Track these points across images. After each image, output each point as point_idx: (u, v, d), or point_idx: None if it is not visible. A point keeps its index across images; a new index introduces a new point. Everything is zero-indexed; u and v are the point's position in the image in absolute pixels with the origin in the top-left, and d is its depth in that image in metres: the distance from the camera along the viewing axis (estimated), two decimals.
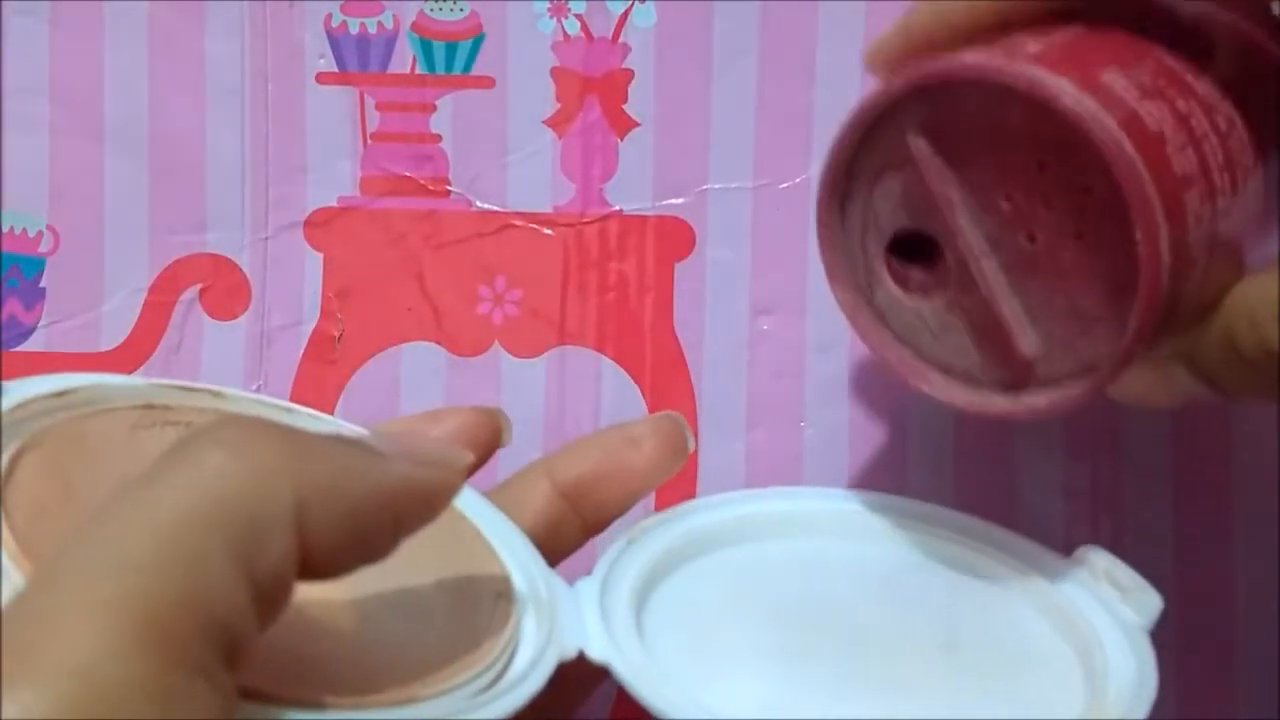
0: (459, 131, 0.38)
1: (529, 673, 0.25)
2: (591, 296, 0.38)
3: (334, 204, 0.39)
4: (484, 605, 0.26)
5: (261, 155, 0.39)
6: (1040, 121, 0.26)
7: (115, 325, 0.39)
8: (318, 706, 0.22)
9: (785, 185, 0.38)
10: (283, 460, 0.22)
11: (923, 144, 0.28)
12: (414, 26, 0.38)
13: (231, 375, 0.39)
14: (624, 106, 0.38)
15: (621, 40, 0.38)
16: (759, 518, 0.32)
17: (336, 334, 0.39)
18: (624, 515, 0.32)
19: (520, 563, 0.28)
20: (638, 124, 0.38)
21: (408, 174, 0.39)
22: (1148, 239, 0.25)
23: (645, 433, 0.31)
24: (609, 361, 0.38)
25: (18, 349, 0.39)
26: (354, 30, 0.39)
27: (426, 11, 0.38)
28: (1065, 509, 0.37)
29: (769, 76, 0.38)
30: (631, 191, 0.38)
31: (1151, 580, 0.29)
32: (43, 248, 0.39)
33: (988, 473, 0.37)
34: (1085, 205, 0.26)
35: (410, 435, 0.26)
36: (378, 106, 0.39)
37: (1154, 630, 0.28)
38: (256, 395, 0.30)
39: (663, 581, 0.30)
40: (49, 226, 0.39)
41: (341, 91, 0.39)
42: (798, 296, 0.38)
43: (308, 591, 0.23)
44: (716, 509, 0.32)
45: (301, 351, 0.39)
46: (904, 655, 0.28)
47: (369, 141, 0.39)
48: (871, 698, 0.27)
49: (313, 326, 0.39)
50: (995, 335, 0.28)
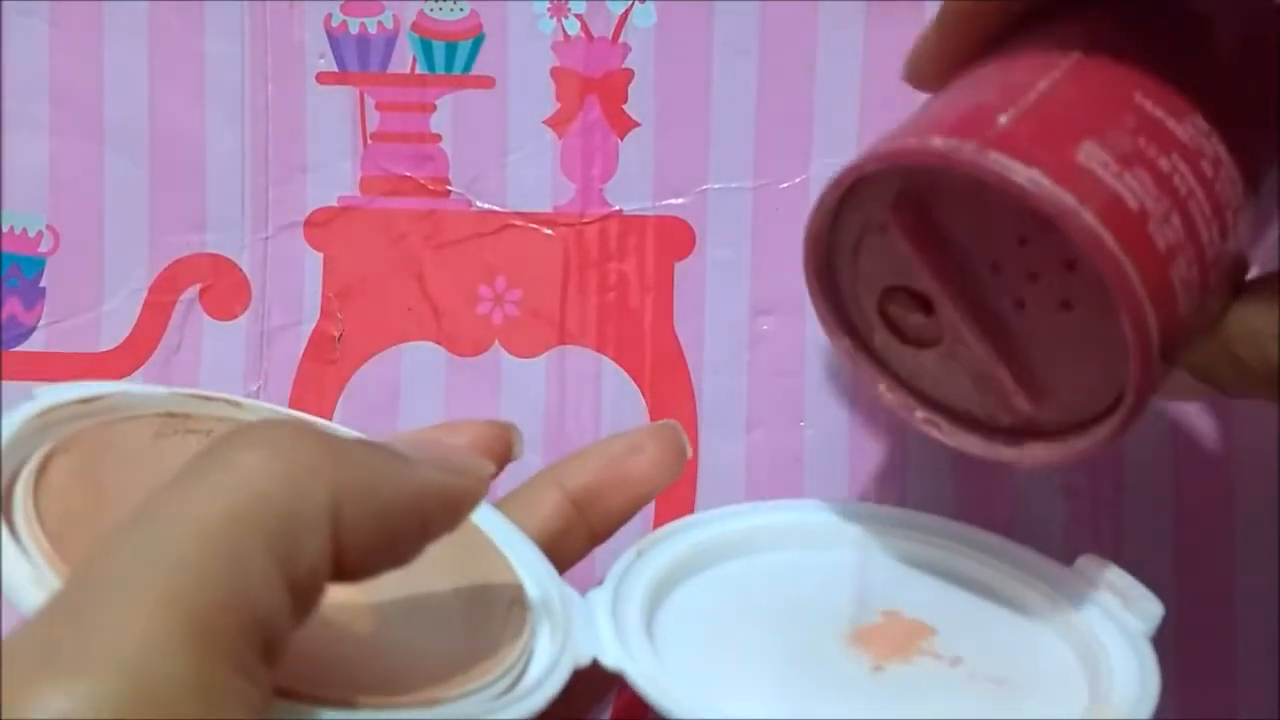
0: (459, 131, 0.38)
1: (545, 678, 0.25)
2: (591, 296, 0.38)
3: (334, 204, 0.39)
4: (499, 612, 0.27)
5: (261, 155, 0.39)
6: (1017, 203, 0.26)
7: (115, 325, 0.39)
8: (345, 705, 0.22)
9: (785, 185, 0.38)
10: (318, 461, 0.22)
11: (904, 215, 0.27)
12: (414, 26, 0.38)
13: (231, 375, 0.39)
14: (624, 106, 0.38)
15: (621, 40, 0.38)
16: (766, 529, 0.32)
17: (336, 334, 0.39)
18: (628, 523, 0.32)
19: (533, 572, 0.28)
20: (638, 124, 0.38)
21: (408, 174, 0.39)
22: (1135, 328, 0.25)
23: (647, 440, 0.32)
24: (609, 361, 0.38)
25: (18, 349, 0.39)
26: (354, 30, 0.39)
27: (426, 11, 0.38)
28: (1065, 510, 0.37)
29: (769, 76, 0.38)
30: (631, 191, 0.38)
31: (1151, 582, 0.29)
32: (43, 248, 0.39)
33: (988, 472, 0.37)
34: (1070, 279, 0.26)
35: (436, 443, 0.27)
36: (378, 106, 0.39)
37: (1154, 632, 0.28)
38: (272, 407, 0.31)
39: (673, 591, 0.30)
40: (49, 226, 0.39)
41: (341, 91, 0.39)
42: (798, 296, 0.38)
43: (332, 595, 0.23)
44: (724, 521, 0.32)
45: (301, 351, 0.39)
46: (910, 663, 0.28)
47: (369, 141, 0.39)
48: (878, 706, 0.27)
49: (313, 326, 0.39)
50: (993, 386, 0.28)
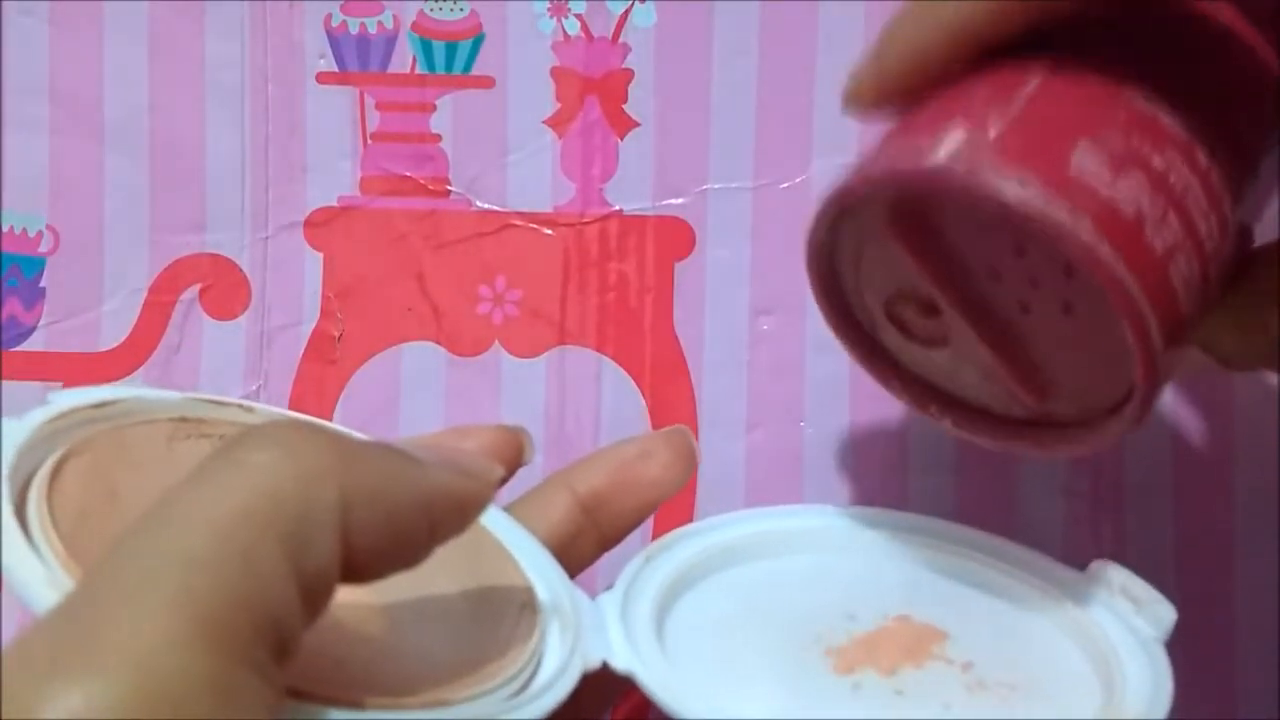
0: (459, 131, 0.38)
1: (556, 680, 0.26)
2: (591, 296, 0.38)
3: (334, 204, 0.39)
4: (509, 615, 0.27)
5: (261, 155, 0.39)
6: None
7: (115, 325, 0.39)
8: (355, 706, 0.23)
9: (785, 185, 0.38)
10: (329, 462, 0.22)
11: (901, 228, 0.27)
12: (414, 26, 0.38)
13: (231, 375, 0.39)
14: (624, 106, 0.38)
15: (621, 40, 0.38)
16: (776, 534, 0.32)
17: (336, 334, 0.39)
18: (637, 528, 0.32)
19: (544, 576, 0.29)
20: (638, 124, 0.38)
21: (408, 174, 0.39)
22: (1137, 335, 0.25)
23: (657, 445, 0.32)
24: (609, 361, 0.38)
25: (18, 349, 0.39)
26: (354, 30, 0.39)
27: (426, 11, 0.38)
28: (1065, 510, 0.37)
29: (769, 76, 0.38)
30: (631, 191, 0.38)
31: (1151, 582, 0.29)
32: (43, 248, 0.39)
33: (988, 472, 0.37)
34: (1071, 285, 0.26)
35: (445, 447, 0.27)
36: (378, 106, 0.39)
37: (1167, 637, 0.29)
38: (284, 412, 0.31)
39: (682, 596, 0.30)
40: (49, 226, 0.39)
41: (341, 91, 0.39)
42: (798, 296, 0.38)
43: (343, 597, 0.23)
44: (734, 526, 0.32)
45: (301, 351, 0.39)
46: (922, 669, 0.28)
47: (369, 141, 0.39)
48: (889, 711, 0.27)
49: (313, 326, 0.39)
50: (1001, 384, 0.28)
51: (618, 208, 0.38)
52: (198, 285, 0.39)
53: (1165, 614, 0.29)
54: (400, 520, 0.23)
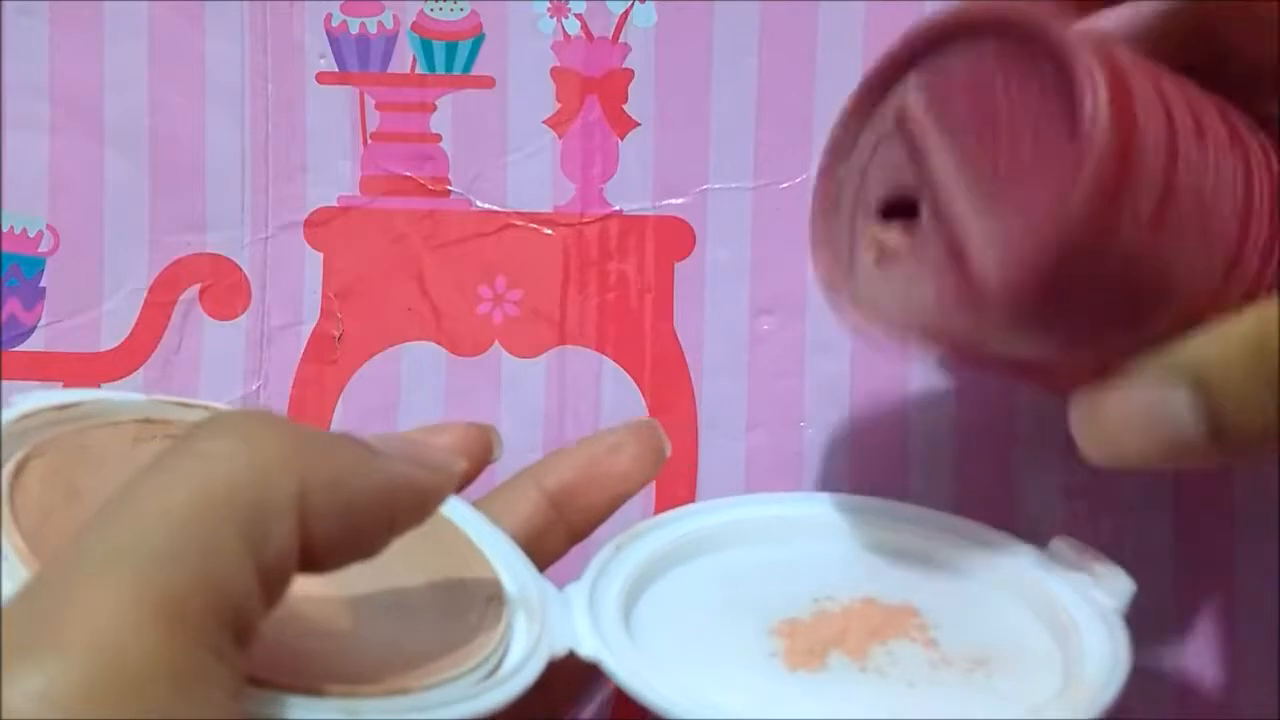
0: (459, 131, 0.38)
1: (521, 667, 0.26)
2: (591, 296, 0.38)
3: (334, 204, 0.39)
4: (476, 607, 0.27)
5: (261, 155, 0.39)
6: (1026, 90, 0.26)
7: (115, 325, 0.39)
8: (316, 693, 0.23)
9: (785, 185, 0.38)
10: (287, 451, 0.22)
11: (920, 99, 0.28)
12: (414, 26, 0.38)
13: (231, 375, 0.39)
14: (624, 106, 0.38)
15: (621, 40, 0.38)
16: (741, 523, 0.33)
17: (336, 334, 0.39)
18: (607, 521, 0.32)
19: (510, 568, 0.29)
20: (638, 124, 0.38)
21: (408, 174, 0.39)
22: (1083, 73, 0.25)
23: (625, 438, 0.32)
24: (609, 361, 0.38)
25: (18, 349, 0.39)
26: (354, 30, 0.39)
27: (426, 11, 0.38)
28: (1065, 510, 0.37)
29: (769, 76, 0.38)
30: (631, 191, 0.38)
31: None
32: (43, 248, 0.39)
33: (988, 472, 0.37)
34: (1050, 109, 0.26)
35: (406, 440, 0.27)
36: (378, 106, 0.39)
37: (1127, 612, 0.29)
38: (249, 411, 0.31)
39: (650, 585, 0.31)
40: (49, 226, 0.39)
41: (341, 91, 0.39)
42: (798, 296, 0.38)
43: (306, 590, 0.23)
44: (701, 516, 0.33)
45: (301, 351, 0.39)
46: (888, 649, 0.29)
47: (369, 141, 0.39)
48: (857, 691, 0.27)
49: (313, 326, 0.39)
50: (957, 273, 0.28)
51: (618, 208, 0.38)
52: (197, 285, 0.39)
53: (1123, 585, 0.29)
54: (358, 509, 0.23)
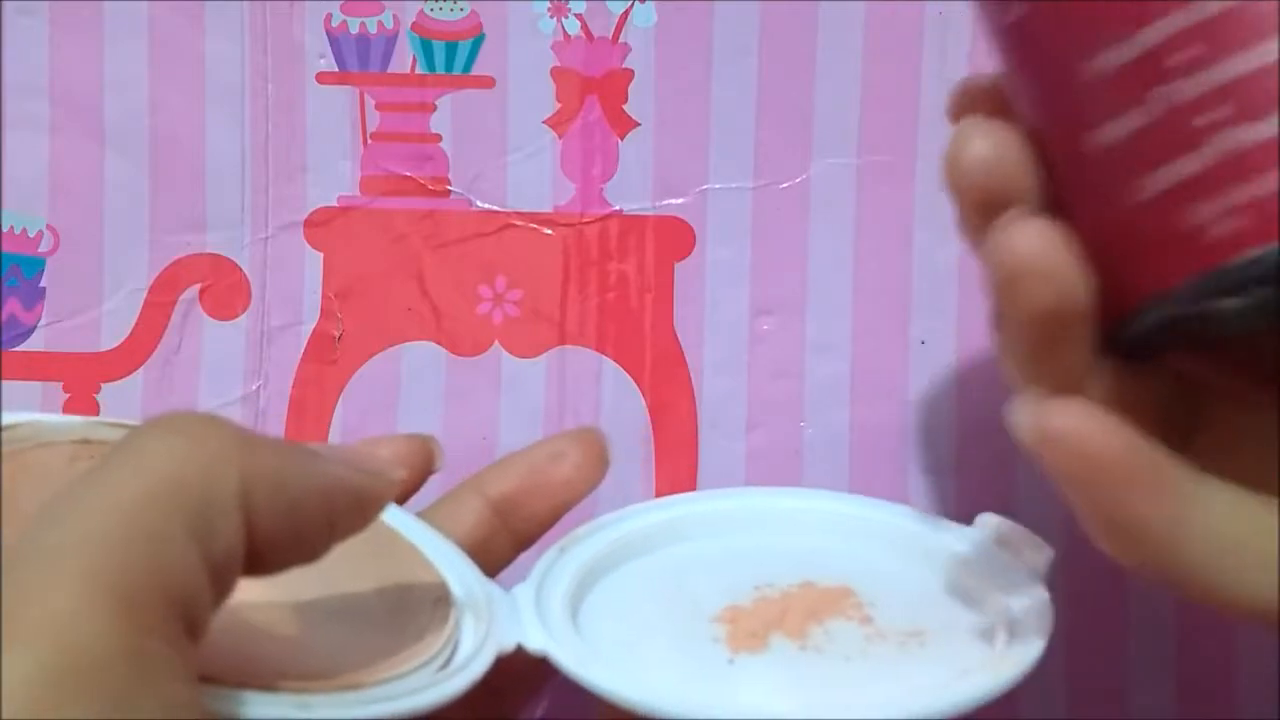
0: (459, 131, 0.38)
1: (469, 662, 0.26)
2: (591, 296, 0.38)
3: (334, 204, 0.39)
4: (423, 609, 0.28)
5: (261, 155, 0.39)
6: None
7: (115, 325, 0.39)
8: (268, 689, 0.23)
9: (785, 185, 0.38)
10: (230, 449, 0.23)
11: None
12: (414, 26, 0.38)
13: (231, 375, 0.39)
14: (624, 106, 0.38)
15: (621, 40, 0.38)
16: (684, 520, 0.33)
17: (336, 334, 0.39)
18: (552, 528, 0.33)
19: (456, 572, 0.29)
20: (638, 124, 0.38)
21: (408, 174, 0.39)
22: None
23: (567, 446, 0.33)
24: (609, 361, 0.38)
25: (18, 349, 0.39)
26: (354, 30, 0.39)
27: (426, 11, 0.38)
28: (1065, 510, 0.37)
29: (769, 76, 0.38)
30: (631, 191, 0.38)
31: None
32: (43, 248, 0.39)
33: (988, 472, 0.37)
34: None
35: (346, 447, 0.28)
36: (378, 106, 0.39)
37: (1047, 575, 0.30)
38: None
39: (596, 583, 0.31)
40: (49, 226, 0.39)
41: (341, 91, 0.39)
42: (798, 296, 0.38)
43: (256, 596, 0.24)
44: (643, 515, 0.33)
45: (301, 351, 0.39)
46: (825, 628, 0.30)
47: (369, 141, 0.39)
48: (797, 668, 0.28)
49: (313, 326, 0.39)
50: None
51: (618, 208, 0.38)
52: (198, 285, 0.39)
53: (1044, 555, 0.31)
54: (300, 510, 0.24)
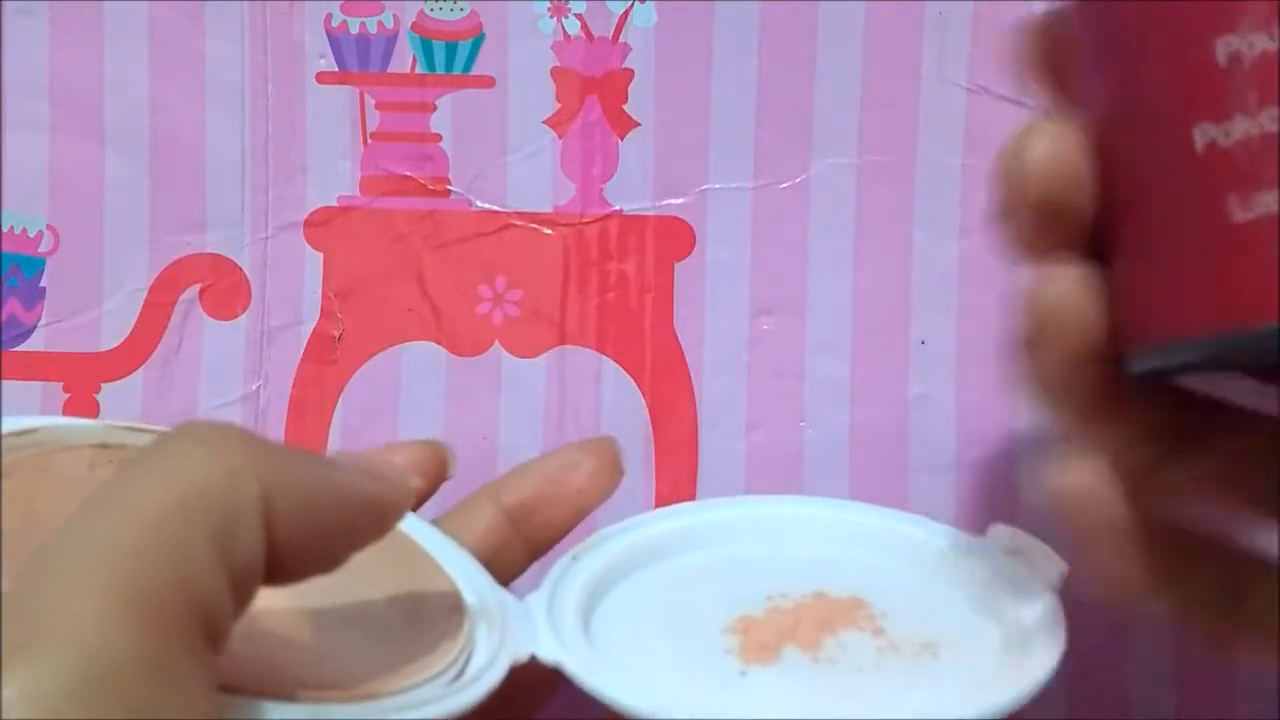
0: (459, 131, 0.38)
1: (483, 672, 0.26)
2: (591, 296, 0.38)
3: (334, 204, 0.39)
4: (438, 619, 0.28)
5: (261, 155, 0.39)
6: None
7: (115, 325, 0.39)
8: (287, 698, 0.23)
9: (785, 185, 0.38)
10: (250, 459, 0.23)
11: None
12: (414, 26, 0.38)
13: (231, 375, 0.39)
14: (624, 106, 0.38)
15: (621, 40, 0.38)
16: (695, 528, 0.33)
17: (336, 334, 0.39)
18: (566, 537, 0.32)
19: (470, 580, 0.29)
20: (638, 124, 0.38)
21: (408, 174, 0.39)
22: None
23: (583, 455, 0.33)
24: (609, 361, 0.38)
25: (17, 349, 0.39)
26: (354, 30, 0.39)
27: (426, 11, 0.38)
28: None
29: (769, 76, 0.38)
30: (631, 191, 0.38)
31: None
32: (43, 248, 0.39)
33: (988, 472, 0.37)
34: None
35: (362, 456, 0.28)
36: (378, 106, 0.39)
37: (1058, 589, 0.30)
38: None
39: (608, 592, 0.31)
40: (49, 226, 0.39)
41: (341, 91, 0.39)
42: (798, 296, 0.38)
43: (274, 604, 0.24)
44: (654, 523, 0.33)
45: (301, 351, 0.39)
46: (839, 639, 0.30)
47: (369, 141, 0.39)
48: (809, 680, 0.28)
49: (313, 326, 0.39)
50: None
51: (618, 208, 0.38)
52: (198, 285, 0.39)
53: (1056, 567, 0.30)
54: (319, 520, 0.24)
